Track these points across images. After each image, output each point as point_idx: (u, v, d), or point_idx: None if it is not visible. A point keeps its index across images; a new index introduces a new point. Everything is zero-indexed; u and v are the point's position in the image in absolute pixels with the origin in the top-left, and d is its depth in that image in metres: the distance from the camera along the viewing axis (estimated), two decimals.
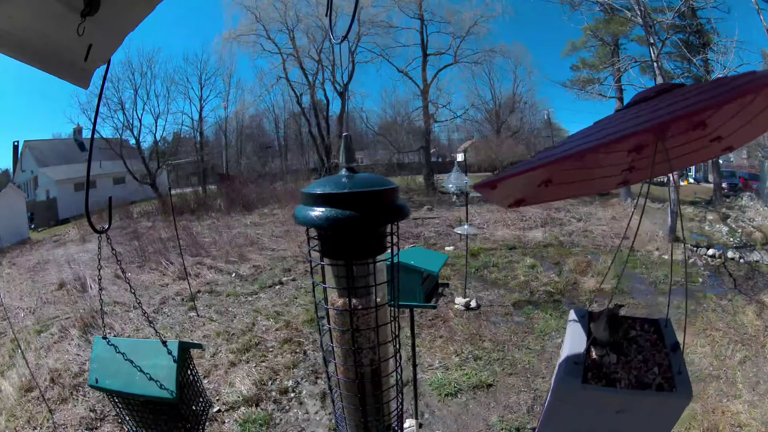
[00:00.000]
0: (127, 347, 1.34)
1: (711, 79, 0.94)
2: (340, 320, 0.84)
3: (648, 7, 12.74)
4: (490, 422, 3.23)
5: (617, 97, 18.24)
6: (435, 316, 5.14)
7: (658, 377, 0.93)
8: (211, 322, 5.46)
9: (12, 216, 15.00)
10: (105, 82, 1.20)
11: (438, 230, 10.76)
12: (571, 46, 20.11)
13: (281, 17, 21.12)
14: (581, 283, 6.28)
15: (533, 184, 0.96)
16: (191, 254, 8.91)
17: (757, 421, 3.02)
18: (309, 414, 3.46)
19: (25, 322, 6.06)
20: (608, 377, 0.93)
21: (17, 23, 0.90)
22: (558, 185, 1.00)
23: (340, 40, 0.87)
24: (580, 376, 0.91)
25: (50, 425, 3.44)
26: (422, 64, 21.46)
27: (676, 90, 0.82)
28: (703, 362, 3.83)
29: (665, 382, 0.93)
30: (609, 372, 0.94)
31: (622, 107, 0.95)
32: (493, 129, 26.63)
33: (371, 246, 0.80)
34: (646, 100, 0.87)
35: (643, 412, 0.92)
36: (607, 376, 0.93)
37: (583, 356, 0.95)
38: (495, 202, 1.29)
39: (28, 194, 21.48)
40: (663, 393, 0.89)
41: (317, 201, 0.74)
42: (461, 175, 6.82)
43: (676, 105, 0.70)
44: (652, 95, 0.87)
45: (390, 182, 0.79)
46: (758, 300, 5.15)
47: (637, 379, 0.93)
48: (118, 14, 0.98)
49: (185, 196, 18.61)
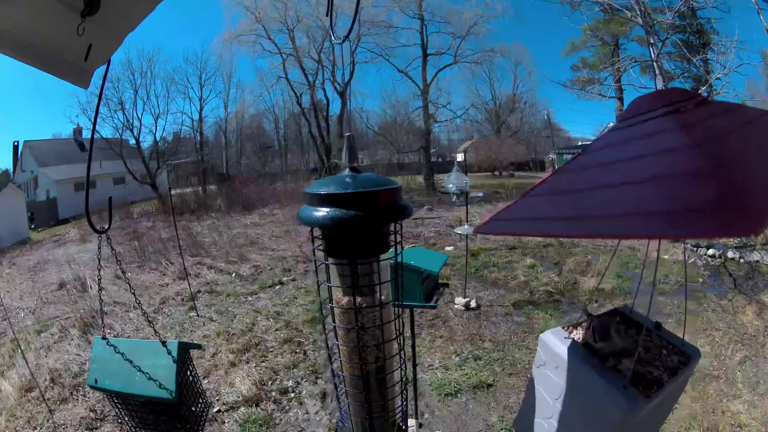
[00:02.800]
0: (127, 347, 1.34)
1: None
2: (345, 318, 0.84)
3: (648, 7, 12.76)
4: (490, 422, 3.23)
5: (617, 97, 18.26)
6: (435, 316, 5.14)
7: (672, 356, 0.95)
8: (211, 322, 5.46)
9: (12, 216, 15.01)
10: (105, 82, 1.20)
11: (438, 230, 10.76)
12: (571, 46, 20.16)
13: (281, 17, 21.16)
14: (581, 283, 6.28)
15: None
16: (191, 254, 8.91)
17: (757, 421, 3.02)
18: (309, 414, 3.46)
19: (25, 322, 6.06)
20: (647, 379, 0.88)
21: (17, 23, 0.90)
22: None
23: (341, 41, 0.86)
24: (637, 395, 0.82)
25: (50, 425, 3.44)
26: (422, 64, 21.51)
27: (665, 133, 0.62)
28: (703, 362, 3.83)
29: (680, 356, 0.95)
30: (643, 374, 0.89)
31: (622, 111, 0.84)
32: (493, 129, 26.68)
33: (375, 245, 0.81)
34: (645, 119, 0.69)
35: (677, 392, 0.94)
36: (646, 379, 0.88)
37: (628, 375, 0.85)
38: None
39: (28, 194, 21.50)
40: (690, 365, 0.91)
41: (322, 201, 0.74)
42: (461, 175, 6.81)
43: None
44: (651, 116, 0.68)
45: (393, 182, 0.79)
46: (758, 300, 5.14)
47: (665, 366, 0.92)
48: (118, 14, 0.98)
49: (185, 196, 18.61)
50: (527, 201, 0.65)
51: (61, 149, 22.75)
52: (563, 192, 0.65)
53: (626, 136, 0.68)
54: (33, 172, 22.93)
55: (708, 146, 0.51)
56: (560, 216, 0.59)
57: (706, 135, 0.55)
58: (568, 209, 0.58)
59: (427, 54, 21.48)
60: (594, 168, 0.66)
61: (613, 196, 0.53)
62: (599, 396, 0.85)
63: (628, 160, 0.60)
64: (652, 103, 0.69)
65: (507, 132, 26.40)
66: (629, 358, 0.92)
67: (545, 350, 0.97)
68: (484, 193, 13.01)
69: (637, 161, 0.59)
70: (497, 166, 25.60)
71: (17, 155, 24.06)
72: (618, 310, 1.13)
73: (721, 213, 0.39)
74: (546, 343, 0.98)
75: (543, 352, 0.98)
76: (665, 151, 0.57)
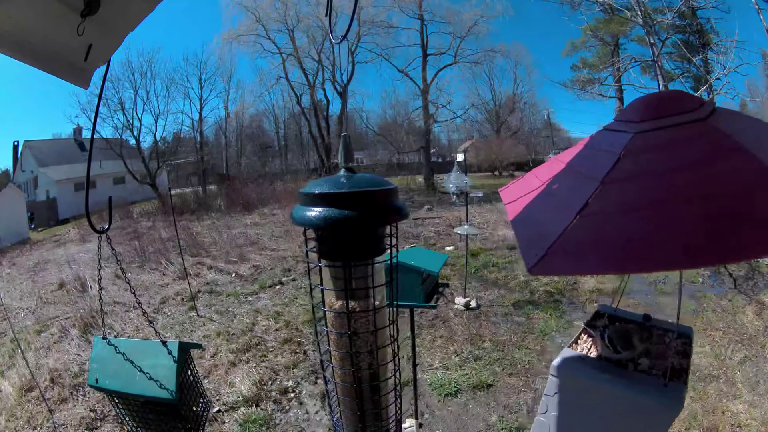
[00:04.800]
0: (127, 347, 1.34)
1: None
2: (337, 323, 0.82)
3: (648, 7, 12.75)
4: (490, 422, 3.23)
5: (617, 97, 18.25)
6: (435, 316, 5.14)
7: (676, 340, 0.98)
8: (211, 322, 5.46)
9: (12, 216, 15.01)
10: (105, 82, 1.20)
11: (438, 230, 10.76)
12: (571, 46, 20.17)
13: (281, 17, 21.16)
14: (581, 283, 6.28)
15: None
16: (191, 254, 8.91)
17: (757, 421, 3.02)
18: (309, 414, 3.46)
19: (25, 322, 6.06)
20: (676, 370, 0.89)
21: (17, 23, 0.89)
22: None
23: (340, 40, 0.86)
24: (680, 387, 0.83)
25: (50, 425, 3.44)
26: (422, 64, 21.52)
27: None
28: (703, 362, 3.83)
29: (682, 338, 0.99)
30: (667, 367, 0.90)
31: (621, 109, 0.82)
32: (493, 129, 26.67)
33: (370, 247, 0.79)
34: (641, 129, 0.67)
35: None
36: (674, 369, 0.89)
37: (666, 372, 0.85)
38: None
39: (28, 194, 21.49)
40: (691, 341, 0.98)
41: (315, 201, 0.73)
42: (461, 175, 6.82)
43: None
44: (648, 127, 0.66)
45: (388, 182, 0.78)
46: (758, 300, 5.14)
47: (676, 352, 0.94)
48: (118, 14, 0.98)
49: (185, 196, 18.60)
50: (584, 225, 0.53)
51: (61, 149, 22.76)
52: (620, 211, 0.54)
53: (657, 142, 0.62)
54: (33, 172, 22.93)
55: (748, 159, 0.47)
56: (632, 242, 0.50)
57: (738, 145, 0.51)
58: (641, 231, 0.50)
59: (427, 54, 21.50)
60: (640, 178, 0.58)
61: (680, 214, 0.48)
62: (639, 402, 0.82)
63: (665, 174, 0.55)
64: (663, 108, 0.66)
65: (507, 132, 26.40)
66: (645, 357, 0.92)
67: (563, 376, 0.92)
68: (484, 193, 12.99)
69: (677, 174, 0.53)
70: (497, 166, 25.59)
71: (17, 155, 24.06)
72: (601, 311, 1.13)
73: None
74: (563, 369, 0.93)
75: (559, 378, 0.92)
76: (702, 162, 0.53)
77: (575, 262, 0.50)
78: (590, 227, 0.53)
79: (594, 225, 0.53)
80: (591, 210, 0.54)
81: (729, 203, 0.45)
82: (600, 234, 0.52)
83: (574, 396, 0.91)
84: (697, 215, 0.46)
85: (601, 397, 0.87)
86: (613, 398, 0.84)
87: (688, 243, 0.44)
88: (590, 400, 0.89)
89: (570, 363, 0.94)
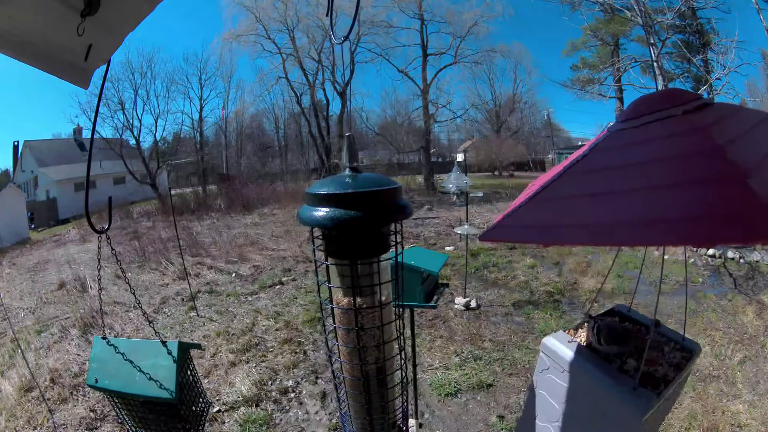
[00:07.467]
0: (127, 347, 1.34)
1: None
2: (345, 319, 0.84)
3: (648, 7, 12.75)
4: (490, 422, 3.23)
5: (617, 97, 18.26)
6: (435, 316, 5.14)
7: (675, 352, 0.96)
8: (211, 322, 5.46)
9: (12, 216, 15.01)
10: (105, 82, 1.20)
11: (438, 230, 10.76)
12: (571, 46, 20.18)
13: (281, 17, 21.16)
14: (581, 283, 6.28)
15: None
16: (191, 254, 8.90)
17: (757, 421, 3.02)
18: (309, 414, 3.46)
19: (25, 322, 6.06)
20: (655, 378, 0.88)
21: (17, 23, 0.90)
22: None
23: (341, 41, 0.86)
24: (650, 395, 0.81)
25: (50, 425, 3.44)
26: (422, 64, 21.50)
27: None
28: (703, 362, 3.83)
29: (682, 352, 0.95)
30: (650, 373, 0.89)
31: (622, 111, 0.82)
32: (493, 129, 26.67)
33: (375, 245, 0.80)
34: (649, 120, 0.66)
35: (680, 387, 0.96)
36: (654, 378, 0.88)
37: (637, 376, 0.84)
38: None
39: (28, 194, 21.49)
40: (693, 358, 0.93)
41: (322, 201, 0.74)
42: (461, 175, 6.81)
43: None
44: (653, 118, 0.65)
45: (394, 182, 0.79)
46: (758, 300, 5.14)
47: (669, 363, 0.92)
48: (118, 14, 0.98)
49: (185, 196, 18.60)
50: (533, 205, 0.62)
51: (61, 149, 22.77)
52: (572, 197, 0.61)
53: (631, 139, 0.65)
54: (33, 172, 22.94)
55: (727, 151, 0.48)
56: (572, 223, 0.55)
57: (721, 139, 0.52)
58: (584, 215, 0.55)
59: (427, 54, 21.49)
60: (602, 171, 0.63)
61: (627, 202, 0.50)
62: (609, 398, 0.84)
63: (638, 165, 0.58)
64: (654, 105, 0.66)
65: (507, 132, 26.40)
66: (633, 358, 0.92)
67: (549, 354, 0.96)
68: (484, 193, 13.01)
69: (647, 166, 0.56)
70: (497, 166, 25.60)
71: (17, 155, 24.06)
72: (615, 309, 1.12)
73: (750, 219, 0.38)
74: (549, 347, 0.97)
75: (546, 357, 0.96)
76: (680, 155, 0.54)
77: (508, 232, 0.62)
78: (534, 207, 0.62)
79: (537, 206, 0.61)
80: (542, 196, 0.62)
81: (674, 195, 0.48)
82: (539, 215, 0.61)
83: (560, 377, 0.93)
84: (641, 203, 0.49)
85: (581, 384, 0.89)
86: (589, 387, 0.87)
87: (620, 222, 0.48)
88: (573, 384, 0.90)
89: (558, 343, 0.96)
